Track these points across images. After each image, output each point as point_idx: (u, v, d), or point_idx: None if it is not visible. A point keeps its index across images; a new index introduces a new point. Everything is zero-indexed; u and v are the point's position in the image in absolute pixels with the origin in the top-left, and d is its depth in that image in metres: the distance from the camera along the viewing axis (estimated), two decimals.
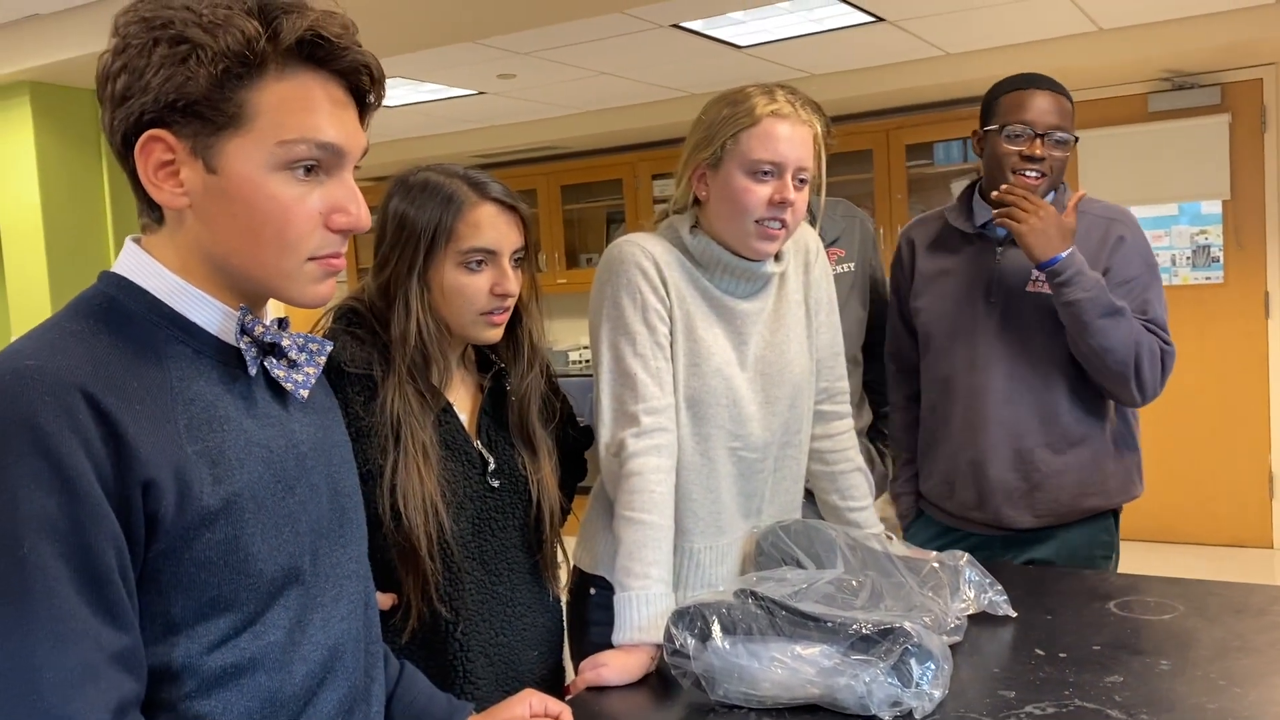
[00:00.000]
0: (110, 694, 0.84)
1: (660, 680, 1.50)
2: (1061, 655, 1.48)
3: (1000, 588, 1.65)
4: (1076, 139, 2.05)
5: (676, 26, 4.04)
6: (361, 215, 0.99)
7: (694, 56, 4.57)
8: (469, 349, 1.64)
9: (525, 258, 1.58)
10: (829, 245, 2.23)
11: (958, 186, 5.63)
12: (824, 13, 4.03)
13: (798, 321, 1.80)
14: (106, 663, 0.83)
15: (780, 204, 1.64)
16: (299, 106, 0.94)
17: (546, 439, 1.64)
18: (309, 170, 0.96)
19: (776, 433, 1.76)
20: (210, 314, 0.98)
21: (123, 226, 4.42)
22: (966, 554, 1.67)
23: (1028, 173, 2.00)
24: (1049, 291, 1.98)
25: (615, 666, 1.48)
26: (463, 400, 1.60)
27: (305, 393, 1.03)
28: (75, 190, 4.39)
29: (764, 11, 3.94)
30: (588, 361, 6.72)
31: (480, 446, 1.58)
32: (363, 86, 1.00)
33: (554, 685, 1.63)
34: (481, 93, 5.13)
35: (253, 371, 0.99)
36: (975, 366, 2.07)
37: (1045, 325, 2.02)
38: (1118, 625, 1.59)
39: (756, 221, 1.64)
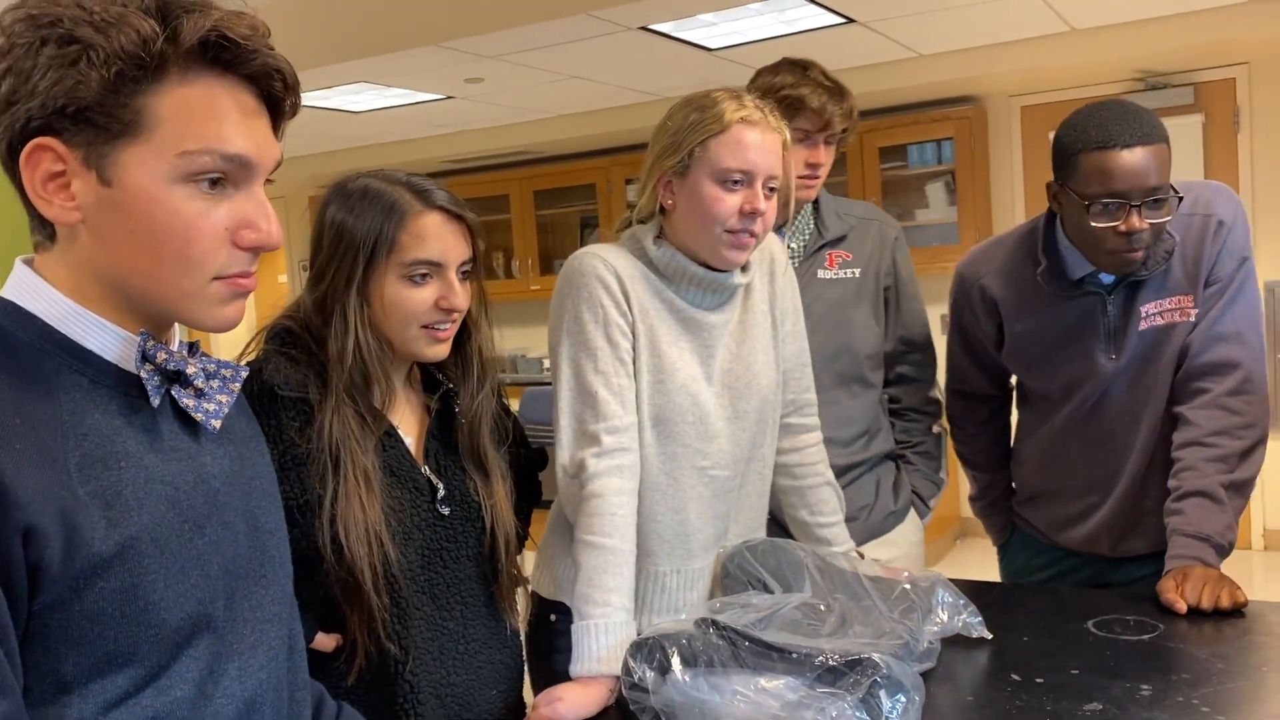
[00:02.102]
0: None
1: (620, 714, 1.43)
2: (1038, 680, 1.42)
3: (974, 609, 1.58)
4: (1180, 196, 1.73)
5: (645, 29, 3.97)
6: (272, 232, 0.92)
7: (664, 59, 4.51)
8: (415, 369, 1.55)
9: (473, 270, 1.50)
10: (832, 245, 2.10)
11: (932, 189, 5.59)
12: (795, 14, 3.97)
13: (764, 333, 1.73)
14: None
15: (751, 214, 1.57)
16: (203, 114, 0.87)
17: (500, 461, 1.55)
18: (214, 183, 0.88)
19: (744, 448, 1.69)
20: (107, 340, 0.90)
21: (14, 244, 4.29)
22: (939, 574, 1.61)
23: (1129, 252, 1.73)
24: (1162, 324, 1.84)
25: (571, 700, 1.40)
26: (409, 424, 1.51)
27: (217, 423, 0.95)
28: None
29: (735, 13, 3.88)
30: None
31: (428, 472, 1.49)
32: (276, 93, 0.93)
33: None
34: (450, 97, 5.05)
35: (155, 402, 0.91)
36: (1098, 418, 1.92)
37: (1163, 358, 1.85)
38: (1097, 647, 1.53)
39: (726, 231, 1.58)
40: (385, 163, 6.45)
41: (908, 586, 1.54)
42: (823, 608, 1.47)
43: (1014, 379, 2.14)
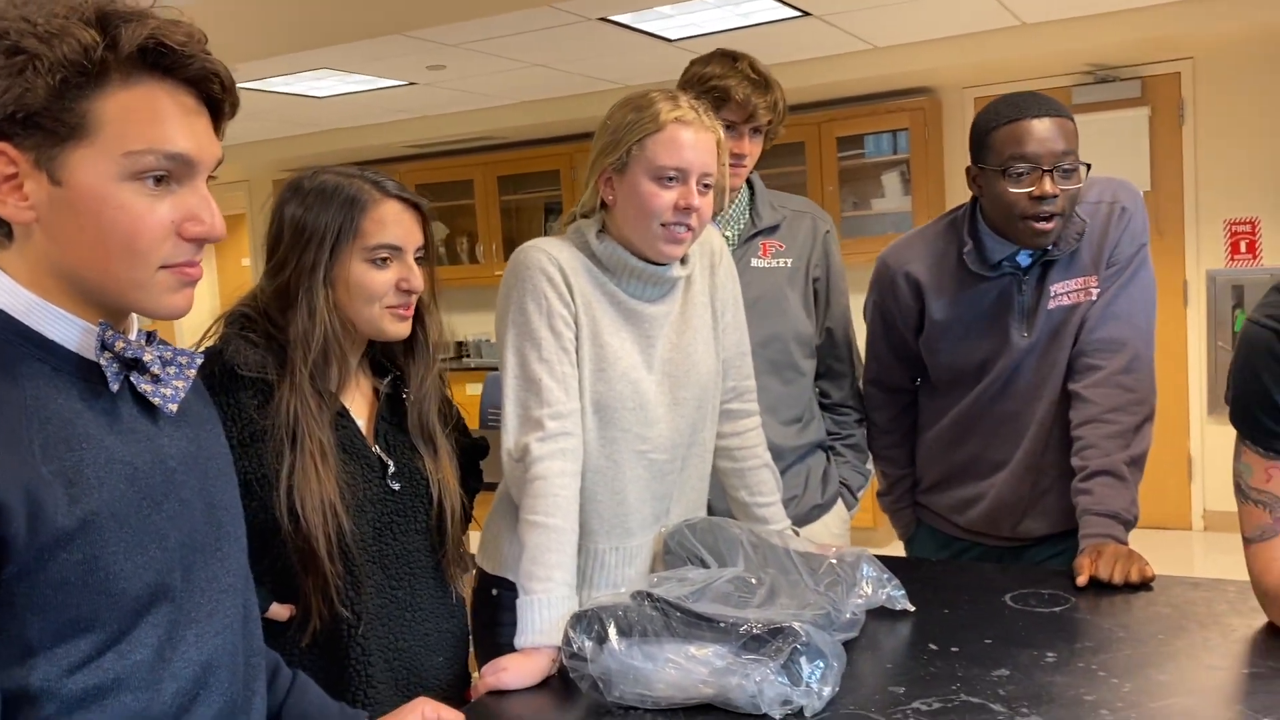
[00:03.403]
0: None
1: (562, 683, 1.51)
2: (954, 650, 1.52)
3: (898, 583, 1.68)
4: (1088, 166, 1.86)
5: (604, 20, 4.03)
6: (215, 224, 0.98)
7: (625, 49, 4.57)
8: (365, 356, 1.63)
9: (426, 255, 1.59)
10: (766, 234, 2.17)
11: (888, 178, 5.70)
12: (750, 7, 4.05)
13: (704, 324, 1.81)
14: None
15: (686, 209, 1.65)
16: (145, 116, 0.93)
17: (446, 440, 1.64)
18: (159, 180, 0.95)
19: (684, 433, 1.77)
20: (68, 330, 0.96)
21: None
22: (865, 550, 1.70)
23: (1042, 218, 1.83)
24: (1068, 304, 1.95)
25: (515, 670, 1.49)
26: (359, 406, 1.60)
27: (174, 407, 1.02)
28: None
29: (690, 6, 3.95)
30: None
31: (379, 450, 1.58)
32: (214, 94, 0.99)
33: (457, 691, 1.64)
34: (412, 83, 5.09)
35: (114, 387, 0.98)
36: (1006, 395, 2.02)
37: (1065, 335, 1.97)
38: (1011, 619, 1.63)
39: (662, 225, 1.65)
40: (350, 147, 6.50)
41: (834, 561, 1.64)
42: (754, 581, 1.56)
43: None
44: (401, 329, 1.56)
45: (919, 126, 5.49)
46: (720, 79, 2.08)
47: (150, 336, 1.03)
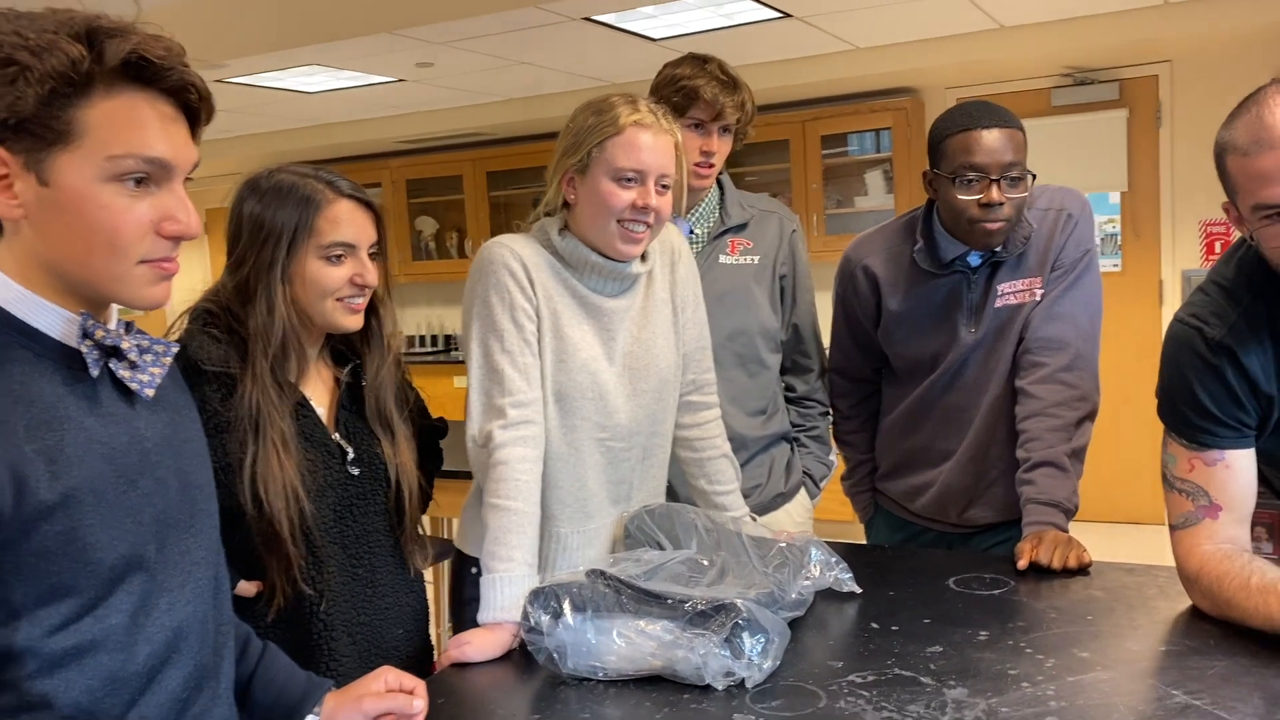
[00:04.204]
0: None
1: (521, 656, 1.60)
2: (894, 628, 1.60)
3: (845, 566, 1.77)
4: (1034, 175, 1.96)
5: (588, 20, 4.11)
6: (191, 223, 1.06)
7: (610, 48, 4.64)
8: (325, 346, 1.71)
9: (379, 251, 1.66)
10: (734, 232, 2.25)
11: (871, 177, 5.78)
12: (732, 8, 4.12)
13: (664, 319, 1.89)
14: None
15: (643, 209, 1.73)
16: (126, 123, 1.01)
17: (403, 425, 1.72)
18: (139, 182, 1.03)
19: (643, 423, 1.86)
20: (51, 319, 1.04)
21: None
22: (815, 536, 1.79)
23: (989, 222, 1.94)
24: (1014, 303, 2.05)
25: (478, 644, 1.57)
26: (320, 395, 1.67)
27: (150, 392, 1.10)
28: None
29: (673, 6, 4.02)
30: None
31: (339, 438, 1.65)
32: (191, 104, 1.07)
33: (421, 661, 1.72)
34: (401, 80, 5.16)
35: (94, 373, 1.06)
36: (954, 388, 2.12)
37: (1011, 333, 2.06)
38: (951, 600, 1.72)
39: (619, 223, 1.73)
40: (341, 142, 6.57)
41: (784, 546, 1.72)
42: (705, 563, 1.64)
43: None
44: (354, 321, 1.64)
45: (902, 126, 5.57)
46: (689, 79, 2.17)
47: (129, 326, 1.11)
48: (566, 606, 1.49)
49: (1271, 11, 4.51)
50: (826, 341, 2.41)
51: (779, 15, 4.24)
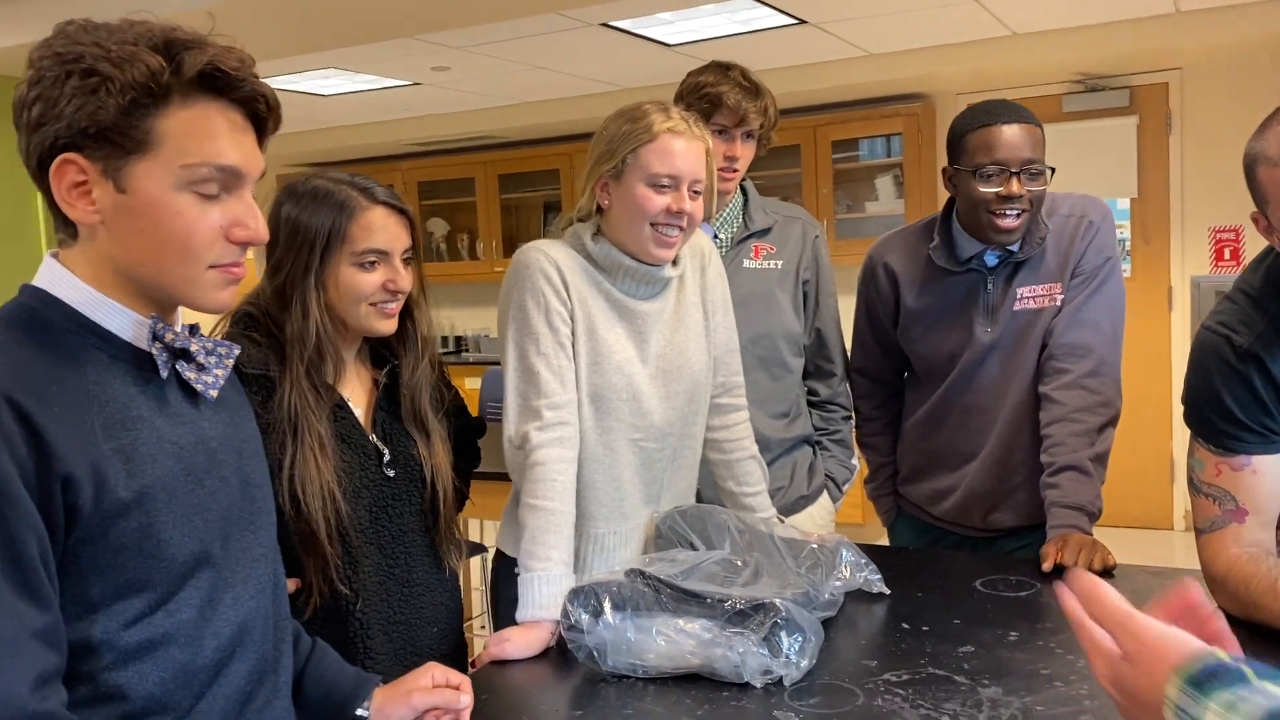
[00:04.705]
0: (33, 666, 0.94)
1: (559, 654, 1.63)
2: (924, 629, 1.63)
3: (875, 567, 1.79)
4: (1053, 170, 2.02)
5: (606, 25, 4.14)
6: (259, 229, 1.10)
7: (626, 53, 4.68)
8: (363, 348, 1.74)
9: (414, 256, 1.69)
10: (758, 237, 2.29)
11: (881, 182, 5.81)
12: (749, 15, 4.16)
13: (696, 322, 1.92)
14: (29, 638, 0.94)
15: (678, 213, 1.76)
16: (201, 132, 1.05)
17: (439, 425, 1.75)
18: (210, 189, 1.06)
19: (675, 424, 1.89)
20: (123, 322, 1.08)
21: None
22: (844, 538, 1.82)
23: (1007, 215, 1.98)
24: (1033, 307, 2.09)
25: (517, 641, 1.61)
26: (358, 396, 1.71)
27: (214, 393, 1.14)
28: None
29: (690, 12, 4.05)
30: None
31: (375, 439, 1.68)
32: (260, 114, 1.11)
33: (456, 660, 1.75)
34: (417, 83, 5.19)
35: (164, 374, 1.09)
36: (972, 389, 2.15)
37: (1031, 338, 2.09)
38: (979, 602, 1.75)
39: (653, 226, 1.77)
40: (354, 144, 6.61)
41: (815, 547, 1.75)
42: (739, 563, 1.67)
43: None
44: (387, 326, 1.66)
45: (913, 131, 5.61)
46: (713, 86, 2.21)
47: (193, 329, 1.15)
48: (607, 605, 1.51)
49: (1277, 21, 4.54)
50: (847, 346, 2.45)
51: (795, 21, 4.27)
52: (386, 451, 1.68)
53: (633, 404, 1.82)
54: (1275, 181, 1.45)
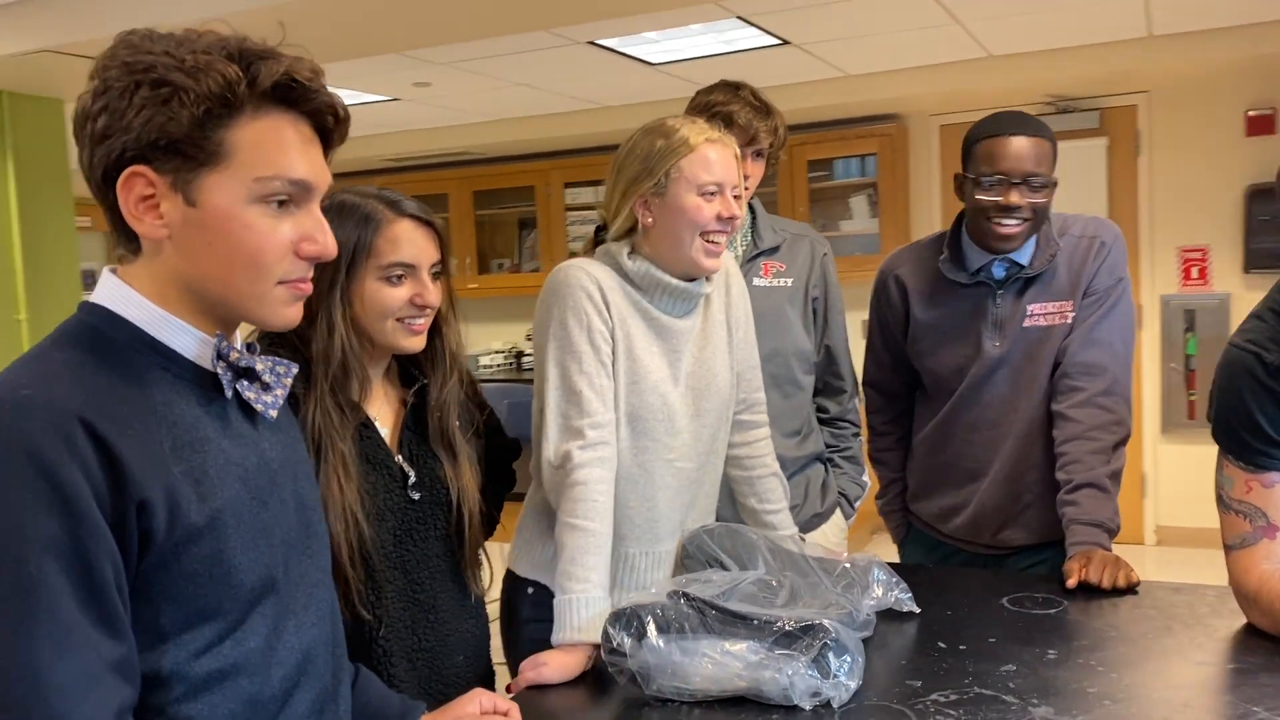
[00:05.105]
0: (111, 699, 0.90)
1: (596, 677, 1.60)
2: (961, 647, 1.63)
3: (905, 586, 1.79)
4: (1056, 183, 2.04)
5: (592, 44, 4.14)
6: (328, 244, 1.07)
7: (607, 71, 4.68)
8: (393, 365, 1.70)
9: (443, 270, 1.66)
10: (767, 255, 2.29)
11: (856, 201, 5.86)
12: (733, 34, 4.18)
13: (721, 339, 1.91)
14: (106, 670, 0.90)
15: (729, 218, 1.77)
16: (273, 145, 1.02)
17: (467, 446, 1.70)
18: (281, 203, 1.03)
19: (705, 443, 1.88)
20: (188, 341, 1.04)
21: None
22: (875, 555, 1.81)
23: (1005, 224, 2.02)
24: (1044, 324, 2.11)
25: (555, 665, 1.58)
26: (385, 415, 1.66)
27: (274, 413, 1.10)
28: None
29: (676, 31, 4.07)
30: (499, 365, 6.77)
31: (401, 460, 1.64)
32: (328, 126, 1.08)
33: (484, 687, 1.71)
34: (396, 99, 5.15)
35: (229, 394, 1.06)
36: (980, 403, 2.16)
37: (1041, 355, 2.11)
38: (1010, 620, 1.75)
39: (703, 236, 1.77)
40: None
41: (848, 565, 1.75)
42: (775, 583, 1.66)
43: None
44: (415, 343, 1.62)
45: (887, 152, 5.67)
46: (724, 105, 2.21)
47: (250, 348, 1.11)
48: (650, 627, 1.49)
49: (1244, 46, 4.66)
50: (854, 363, 2.45)
51: (779, 42, 4.30)
52: (412, 474, 1.64)
53: (667, 424, 1.81)
54: None
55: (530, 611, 1.85)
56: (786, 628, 1.46)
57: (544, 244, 6.51)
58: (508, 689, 1.65)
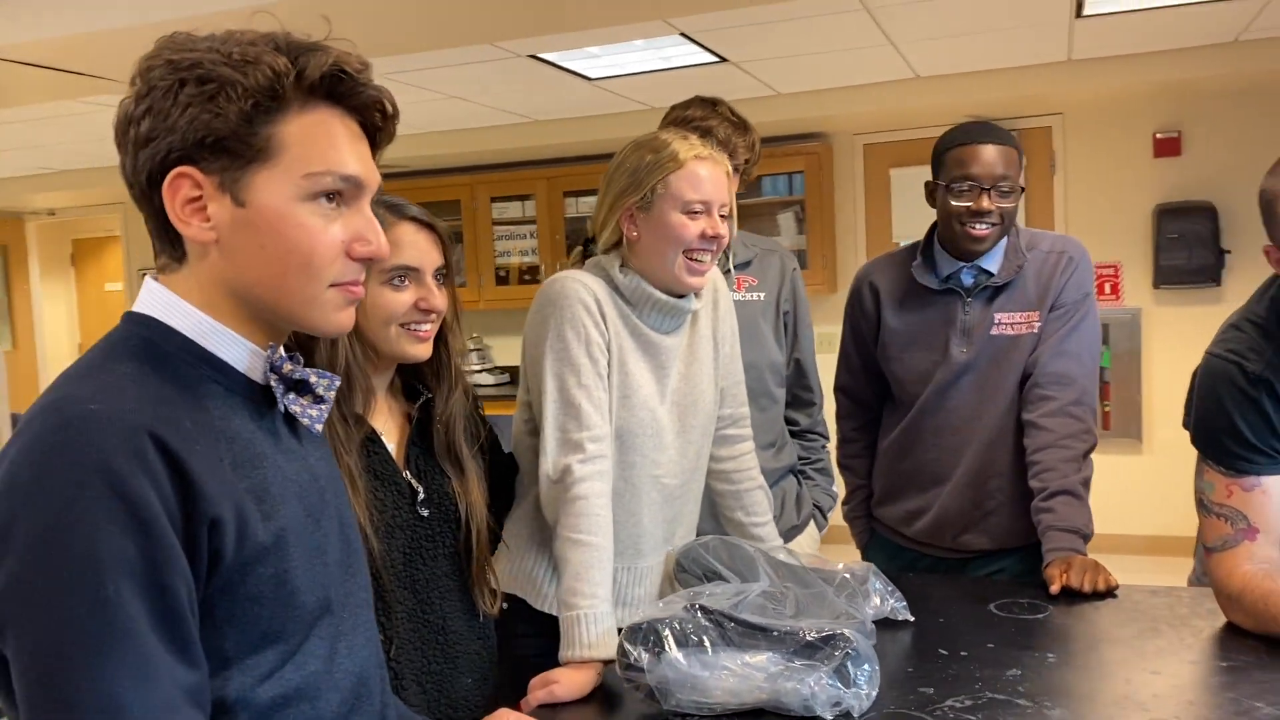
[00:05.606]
0: None
1: (606, 694, 1.58)
2: (963, 654, 1.65)
3: (900, 594, 1.81)
4: (1023, 188, 2.15)
5: (534, 57, 4.12)
6: (381, 244, 1.03)
7: (545, 85, 4.66)
8: (396, 379, 1.66)
9: (447, 275, 1.62)
10: (740, 269, 2.31)
11: (784, 218, 5.94)
12: (674, 51, 4.20)
13: (707, 355, 1.91)
14: (183, 700, 0.85)
15: (713, 237, 1.76)
16: (323, 140, 0.98)
17: (474, 460, 1.67)
18: (332, 201, 0.99)
19: (691, 459, 1.87)
20: (239, 352, 1.00)
21: None
22: (871, 565, 1.83)
23: (977, 226, 2.10)
24: (1011, 333, 2.16)
25: (566, 683, 1.55)
26: (390, 430, 1.62)
27: (319, 427, 1.06)
28: None
29: (617, 47, 4.07)
30: None
31: (409, 476, 1.59)
32: (375, 122, 1.04)
33: (488, 711, 1.66)
34: None
35: (281, 408, 1.01)
36: (945, 409, 2.21)
37: (1008, 363, 2.17)
38: (1003, 625, 1.78)
39: (686, 254, 1.75)
40: None
41: (847, 575, 1.76)
42: (780, 595, 1.66)
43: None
44: (421, 350, 1.58)
45: (814, 169, 5.76)
46: (702, 120, 2.22)
47: (293, 358, 1.07)
48: (669, 642, 1.48)
49: (1152, 72, 4.89)
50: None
51: (717, 60, 4.34)
52: (421, 490, 1.59)
53: (655, 439, 1.80)
54: None
55: (520, 627, 1.81)
56: (808, 638, 1.46)
57: (470, 259, 6.43)
58: (516, 709, 1.61)
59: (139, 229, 1.43)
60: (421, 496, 1.59)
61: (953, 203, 2.11)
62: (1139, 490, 5.27)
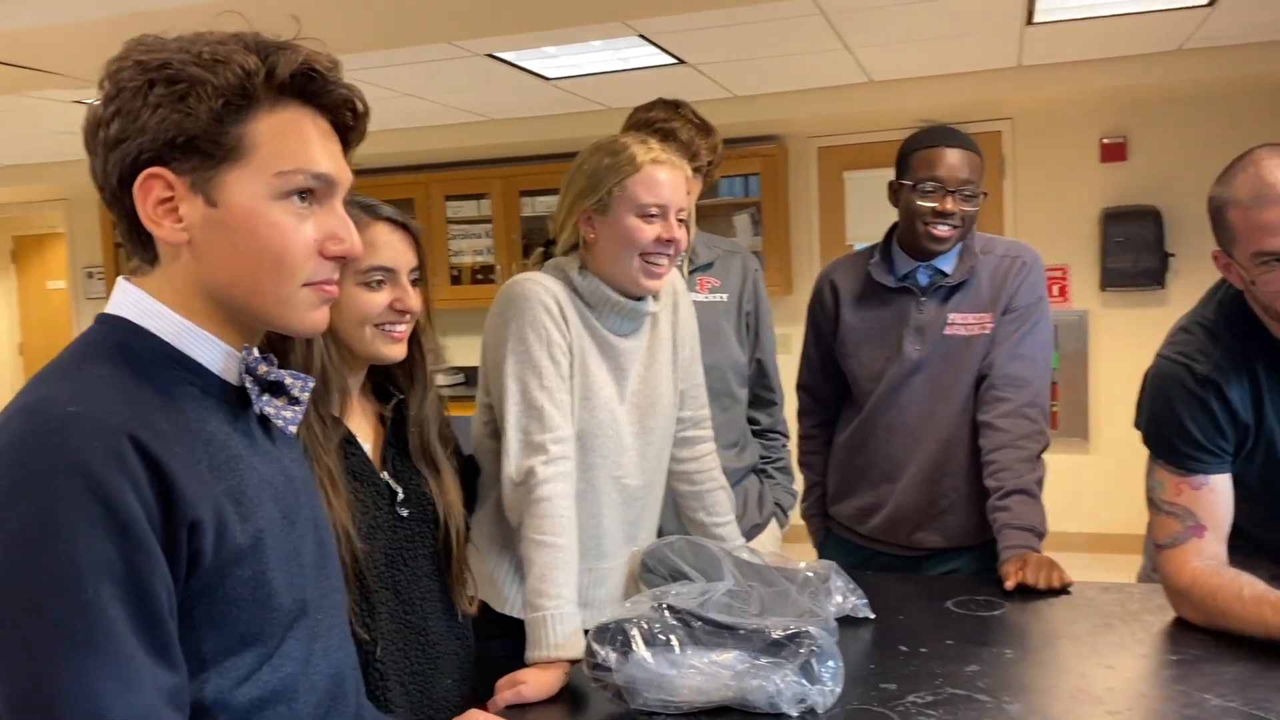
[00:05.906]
0: None
1: (573, 694, 1.59)
2: (923, 650, 1.68)
3: (861, 592, 1.84)
4: (985, 194, 2.20)
5: (491, 56, 4.11)
6: (354, 242, 1.03)
7: (501, 84, 4.65)
8: (368, 382, 1.65)
9: (421, 276, 1.62)
10: (702, 271, 2.33)
11: (740, 219, 5.98)
12: (632, 53, 4.22)
13: (666, 358, 1.93)
14: (163, 703, 0.85)
15: (668, 241, 1.77)
16: (294, 138, 0.98)
17: (448, 460, 1.68)
18: (304, 200, 0.99)
19: (651, 460, 1.89)
20: (214, 354, 1.00)
21: None
22: (833, 562, 1.85)
23: (940, 226, 2.15)
24: (964, 334, 2.21)
25: (534, 684, 1.55)
26: (365, 431, 1.61)
27: (294, 428, 1.06)
28: None
29: (575, 47, 4.08)
30: None
31: (387, 477, 1.60)
32: (346, 121, 1.04)
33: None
34: None
35: (257, 410, 1.01)
36: (899, 405, 2.25)
37: (960, 364, 2.21)
38: (960, 622, 1.82)
39: (642, 257, 1.76)
40: None
41: (809, 574, 1.78)
42: (744, 594, 1.68)
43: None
44: (396, 351, 1.58)
45: (769, 172, 5.81)
46: (665, 122, 2.24)
47: (268, 360, 1.06)
48: (637, 641, 1.49)
49: (1100, 79, 5.00)
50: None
51: (675, 61, 4.36)
52: (400, 490, 1.59)
53: (615, 441, 1.81)
54: (1247, 222, 1.59)
55: (487, 629, 1.81)
56: (774, 636, 1.48)
57: None
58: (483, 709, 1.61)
59: (84, 225, 1.41)
60: (401, 497, 1.60)
61: (919, 202, 2.16)
62: (1085, 489, 5.38)
